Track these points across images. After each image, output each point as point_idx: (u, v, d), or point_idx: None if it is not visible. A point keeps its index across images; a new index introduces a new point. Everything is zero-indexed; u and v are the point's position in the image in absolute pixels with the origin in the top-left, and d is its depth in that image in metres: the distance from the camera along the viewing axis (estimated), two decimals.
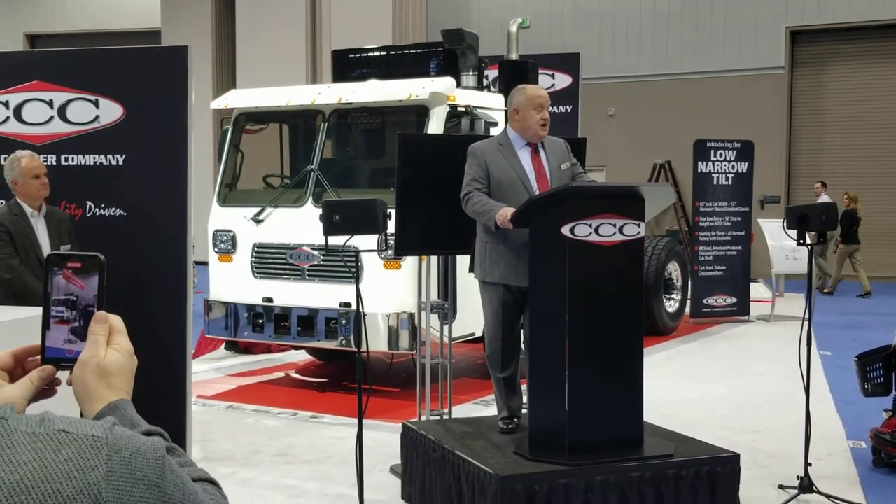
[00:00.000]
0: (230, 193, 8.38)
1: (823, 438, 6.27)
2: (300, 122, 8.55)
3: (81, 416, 1.10)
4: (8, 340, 1.24)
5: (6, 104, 5.47)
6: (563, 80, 11.83)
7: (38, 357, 1.19)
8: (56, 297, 1.18)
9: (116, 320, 1.18)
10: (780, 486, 5.38)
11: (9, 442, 0.88)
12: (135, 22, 21.18)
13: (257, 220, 7.94)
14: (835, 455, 6.14)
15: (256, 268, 7.99)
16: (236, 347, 9.45)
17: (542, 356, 4.71)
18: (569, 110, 11.61)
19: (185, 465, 1.07)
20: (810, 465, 5.32)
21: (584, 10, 19.59)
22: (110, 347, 1.16)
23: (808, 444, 5.32)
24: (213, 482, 1.13)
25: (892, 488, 5.54)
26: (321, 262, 7.62)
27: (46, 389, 1.18)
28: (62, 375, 1.18)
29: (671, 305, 11.44)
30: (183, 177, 5.25)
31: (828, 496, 5.18)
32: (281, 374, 8.93)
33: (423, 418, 5.93)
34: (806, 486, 5.23)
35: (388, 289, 7.26)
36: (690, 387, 8.25)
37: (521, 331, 5.25)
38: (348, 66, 8.93)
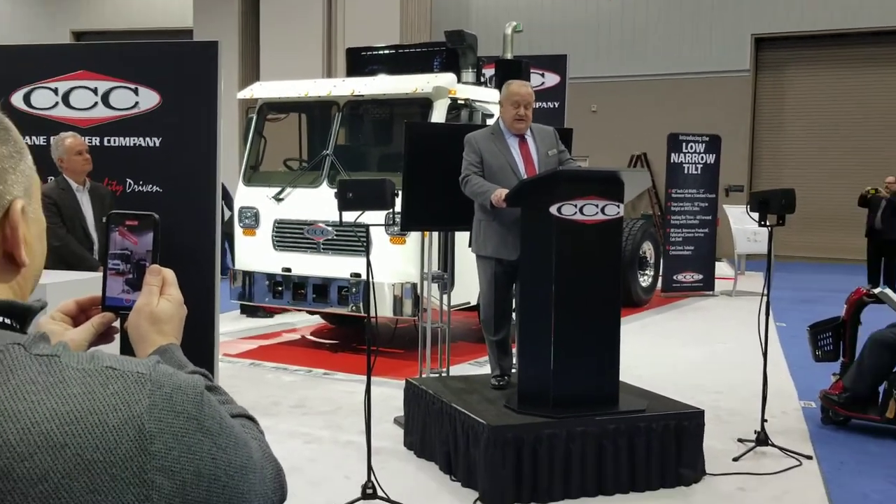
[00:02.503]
0: (254, 175, 8.36)
1: (778, 398, 6.30)
2: (317, 111, 8.51)
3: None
4: (60, 299, 1.24)
5: (55, 91, 5.45)
6: (552, 79, 11.76)
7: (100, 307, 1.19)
8: (112, 251, 1.18)
9: (169, 273, 1.18)
10: (740, 440, 5.41)
11: (61, 377, 0.87)
12: (169, 21, 21.06)
13: (278, 198, 7.93)
14: (788, 413, 6.16)
15: (277, 241, 7.98)
16: (250, 311, 9.48)
17: (531, 322, 4.73)
18: (556, 106, 11.54)
19: (224, 402, 1.07)
20: (766, 421, 5.35)
21: (571, 17, 19.50)
22: (162, 297, 1.15)
23: (765, 403, 5.35)
24: (250, 418, 1.12)
25: (838, 443, 5.57)
26: (334, 237, 7.62)
27: (105, 335, 1.17)
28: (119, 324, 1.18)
29: (645, 280, 11.45)
30: (212, 158, 5.24)
31: (781, 449, 5.21)
32: (297, 336, 8.95)
33: (424, 376, 5.94)
34: (762, 439, 5.26)
35: (394, 261, 7.27)
36: (661, 352, 8.27)
37: (512, 299, 5.26)
38: (360, 62, 8.89)
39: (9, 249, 0.95)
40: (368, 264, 4.40)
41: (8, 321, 0.93)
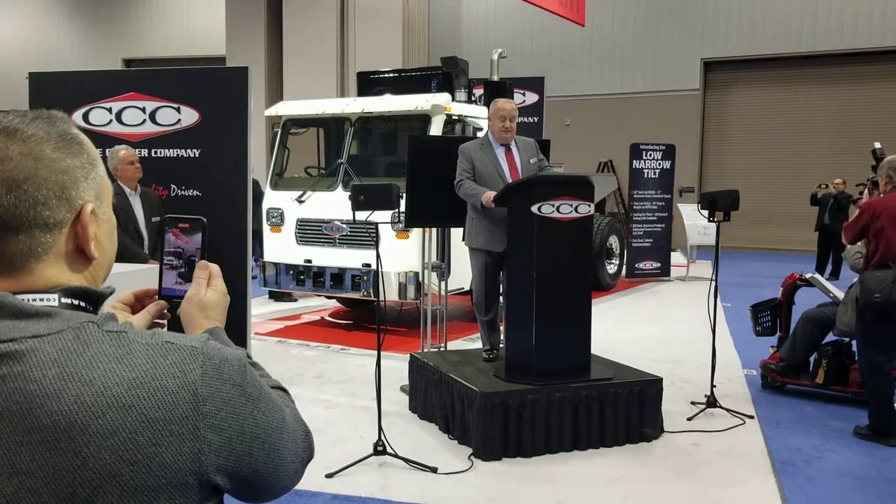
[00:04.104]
0: (280, 180, 8.33)
1: (725, 367, 6.31)
2: (333, 126, 8.49)
3: None
4: (115, 287, 1.24)
5: (109, 110, 5.43)
6: (531, 98, 11.73)
7: (153, 297, 1.19)
8: (167, 249, 1.19)
9: (215, 267, 1.18)
10: (692, 403, 5.43)
11: (128, 349, 0.89)
12: (206, 49, 20.97)
13: (300, 200, 7.90)
14: (733, 380, 6.17)
15: (299, 237, 7.96)
16: (277, 296, 9.49)
17: (516, 304, 4.72)
18: (536, 120, 11.51)
19: (263, 375, 1.08)
20: (715, 386, 5.37)
21: (548, 45, 19.46)
22: (209, 288, 1.16)
23: (714, 372, 5.36)
24: (284, 389, 1.14)
25: (776, 404, 5.59)
26: (348, 233, 7.60)
27: (159, 321, 1.18)
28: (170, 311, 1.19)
29: (611, 268, 11.45)
30: (243, 167, 5.22)
31: (728, 410, 5.23)
32: (318, 317, 8.94)
33: (425, 350, 5.94)
34: (711, 402, 5.28)
35: (399, 253, 7.25)
36: (626, 328, 8.28)
37: (500, 285, 5.26)
38: (369, 83, 8.85)
39: (80, 245, 0.96)
40: (377, 256, 4.40)
41: (82, 304, 0.95)
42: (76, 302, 0.93)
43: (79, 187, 0.95)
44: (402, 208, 5.39)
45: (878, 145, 5.68)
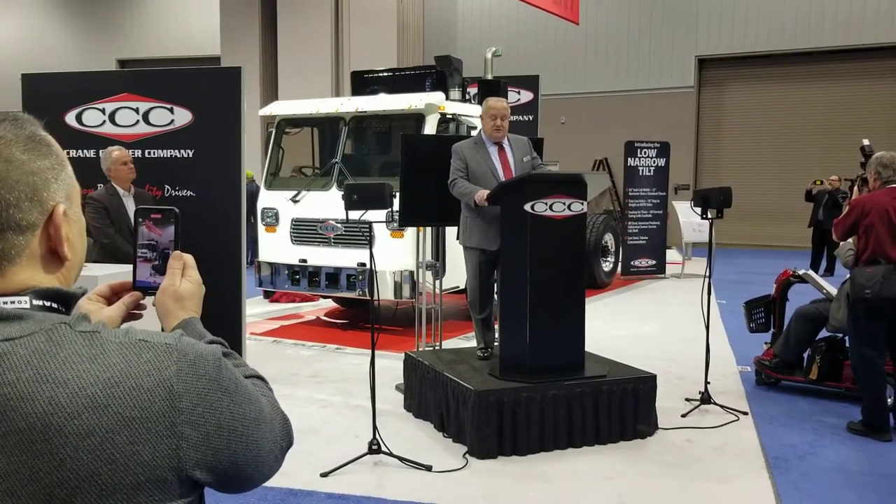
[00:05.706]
0: (274, 180, 8.33)
1: (719, 364, 6.32)
2: (327, 125, 8.49)
3: (162, 330, 1.10)
4: None
5: (103, 111, 5.41)
6: (526, 96, 11.73)
7: (130, 290, 1.19)
8: (140, 242, 1.18)
9: (189, 258, 1.18)
10: (687, 399, 5.44)
11: (102, 349, 0.89)
12: (200, 49, 20.94)
13: (295, 200, 7.90)
14: (727, 376, 6.19)
15: (294, 236, 7.96)
16: (271, 297, 9.51)
17: (510, 302, 4.73)
18: (530, 119, 11.51)
19: (239, 365, 1.08)
20: (709, 383, 5.38)
21: (543, 43, 19.47)
22: (184, 278, 1.16)
23: (708, 368, 5.38)
24: (261, 378, 1.13)
25: (769, 400, 5.60)
26: (343, 233, 7.60)
27: (135, 313, 1.18)
28: (148, 302, 1.19)
29: (607, 266, 11.46)
30: (237, 167, 5.21)
31: (722, 406, 5.24)
32: (313, 317, 8.94)
33: (420, 349, 5.95)
34: (706, 398, 5.29)
35: (394, 252, 7.26)
36: (621, 326, 8.29)
37: (494, 283, 5.27)
38: (363, 83, 8.85)
39: (53, 246, 0.96)
40: (372, 255, 4.40)
41: (55, 305, 0.94)
42: (48, 303, 0.93)
43: (50, 188, 0.95)
44: (396, 207, 5.40)
45: (866, 142, 5.71)
